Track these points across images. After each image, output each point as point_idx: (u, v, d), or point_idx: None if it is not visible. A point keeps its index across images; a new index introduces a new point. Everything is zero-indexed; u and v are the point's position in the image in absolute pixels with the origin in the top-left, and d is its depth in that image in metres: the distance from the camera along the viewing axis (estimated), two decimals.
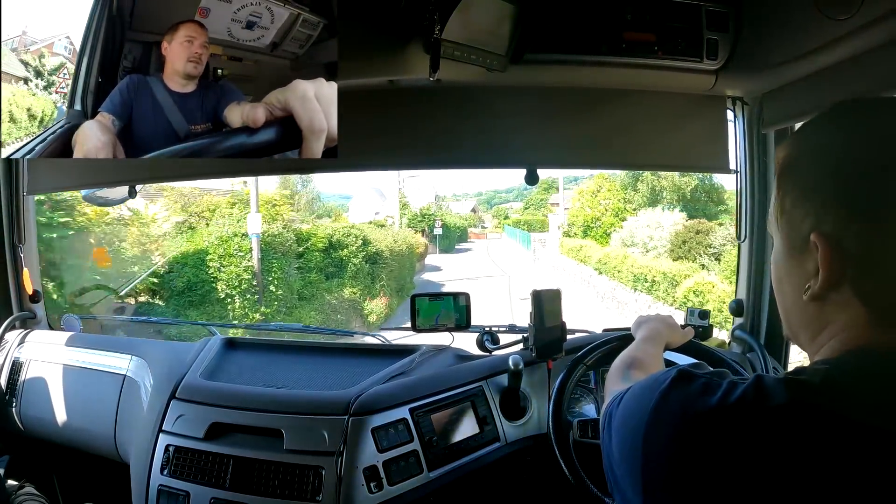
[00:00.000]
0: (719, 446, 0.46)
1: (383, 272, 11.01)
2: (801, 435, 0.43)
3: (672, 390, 0.51)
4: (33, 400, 1.58)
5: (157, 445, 1.24)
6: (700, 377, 0.51)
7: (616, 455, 0.55)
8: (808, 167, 0.51)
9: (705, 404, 0.48)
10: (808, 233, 0.49)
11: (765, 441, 0.44)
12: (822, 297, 0.49)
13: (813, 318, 0.51)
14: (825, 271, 0.48)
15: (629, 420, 0.54)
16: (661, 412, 0.50)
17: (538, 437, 1.30)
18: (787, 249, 0.53)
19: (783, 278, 0.55)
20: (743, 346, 1.47)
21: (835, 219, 0.47)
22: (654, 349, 0.97)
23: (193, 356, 1.44)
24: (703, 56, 1.17)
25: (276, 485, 1.14)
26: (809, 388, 0.46)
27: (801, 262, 0.51)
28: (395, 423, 1.20)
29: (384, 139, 1.39)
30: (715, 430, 0.46)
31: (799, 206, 0.50)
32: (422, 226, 23.80)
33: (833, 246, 0.47)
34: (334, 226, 11.74)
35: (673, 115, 1.40)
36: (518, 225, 35.08)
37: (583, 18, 1.15)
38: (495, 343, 1.47)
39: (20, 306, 1.73)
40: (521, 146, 1.41)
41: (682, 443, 0.48)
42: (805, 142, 0.54)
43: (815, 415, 0.44)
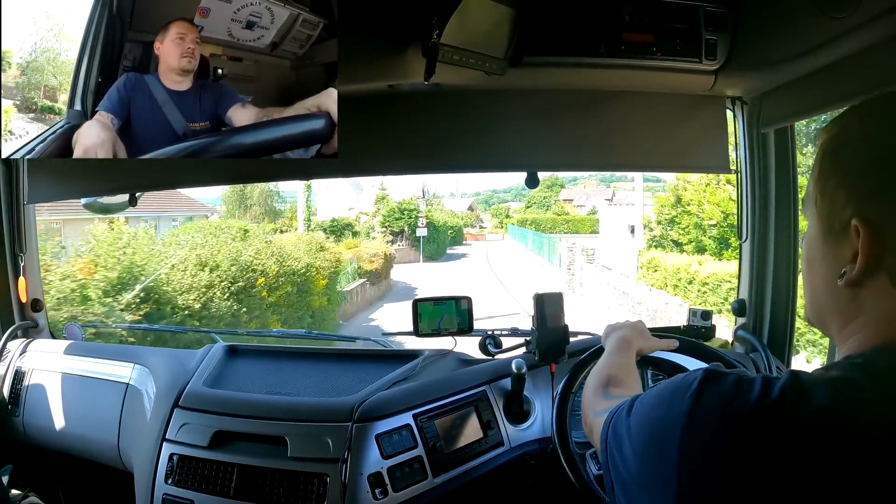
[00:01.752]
0: (764, 449, 0.44)
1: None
2: (842, 437, 0.43)
3: (704, 390, 0.49)
4: (36, 409, 1.58)
5: (161, 454, 1.24)
6: (729, 374, 0.50)
7: (635, 471, 0.52)
8: (855, 152, 0.51)
9: (744, 404, 0.46)
10: (850, 218, 0.49)
11: (807, 444, 0.43)
12: (858, 283, 0.49)
13: (846, 305, 0.51)
14: (864, 257, 0.48)
15: (656, 429, 0.51)
16: (697, 415, 0.48)
17: (542, 440, 1.30)
18: (824, 233, 0.53)
19: (816, 262, 0.54)
20: (746, 346, 1.47)
21: (879, 205, 0.47)
22: (625, 360, 0.93)
23: (196, 364, 1.44)
24: (701, 56, 1.17)
25: (281, 493, 1.14)
26: (847, 385, 0.45)
27: (838, 247, 0.51)
28: (398, 429, 1.20)
29: (384, 143, 1.39)
30: (758, 432, 0.45)
31: (841, 190, 0.50)
32: (400, 225, 19.36)
33: (875, 232, 0.47)
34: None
35: (672, 116, 1.39)
36: (524, 224, 30.77)
37: (581, 20, 1.14)
38: (498, 347, 1.47)
39: (22, 315, 1.73)
40: (521, 149, 1.41)
41: (726, 446, 0.46)
42: (851, 126, 0.53)
43: (856, 414, 0.44)
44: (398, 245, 18.98)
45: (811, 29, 0.97)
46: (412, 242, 19.45)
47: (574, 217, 34.12)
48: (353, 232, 18.66)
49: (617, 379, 0.84)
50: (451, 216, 28.26)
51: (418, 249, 19.23)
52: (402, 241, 19.46)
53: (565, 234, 22.85)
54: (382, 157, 1.43)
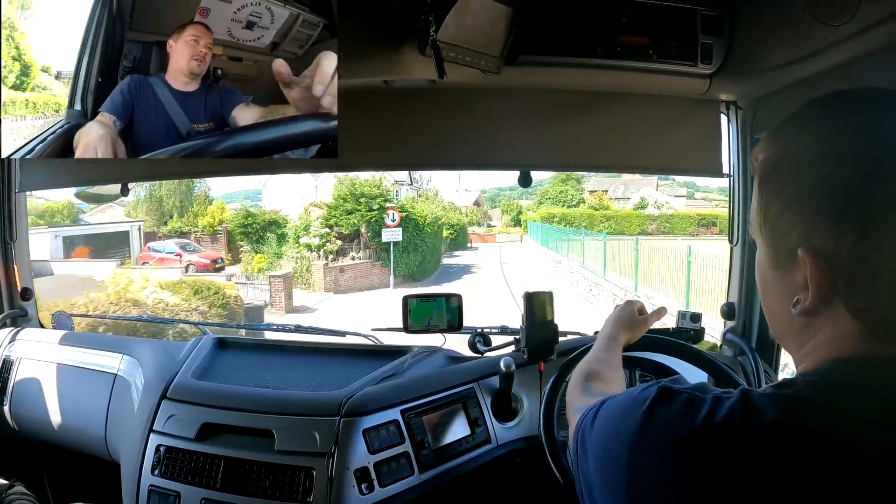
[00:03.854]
0: (709, 470, 0.43)
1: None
2: (793, 454, 0.41)
3: (654, 411, 0.47)
4: (24, 398, 1.57)
5: (148, 445, 1.24)
6: (681, 393, 0.48)
7: (596, 480, 0.51)
8: (795, 172, 0.46)
9: (691, 425, 0.44)
10: (796, 246, 0.45)
11: (756, 462, 0.41)
12: (813, 312, 0.46)
13: (800, 330, 0.48)
14: (815, 289, 0.44)
15: (610, 444, 0.50)
16: (645, 436, 0.47)
17: (529, 438, 1.31)
18: (773, 260, 0.49)
19: (769, 287, 0.51)
20: (734, 349, 1.48)
21: (826, 232, 0.43)
22: (609, 355, 0.92)
23: (185, 356, 1.44)
24: (697, 60, 1.17)
25: (268, 485, 1.13)
26: (800, 403, 0.43)
27: (789, 274, 0.47)
28: (386, 425, 1.20)
29: (381, 139, 1.39)
30: (703, 453, 0.43)
31: (784, 216, 0.46)
32: (352, 222, 11.78)
33: (824, 262, 0.43)
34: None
35: (667, 119, 1.40)
36: (550, 220, 22.98)
37: (578, 21, 1.14)
38: (487, 345, 1.48)
39: (11, 304, 1.72)
40: (515, 148, 1.41)
41: (671, 469, 0.45)
42: (791, 141, 0.48)
43: (806, 431, 0.41)
44: (351, 257, 12.04)
45: (807, 36, 0.97)
46: (375, 255, 12.15)
47: (617, 212, 26.74)
48: (279, 234, 13.00)
49: (598, 374, 0.84)
50: (451, 210, 22.25)
51: (386, 263, 11.91)
52: (360, 250, 12.25)
53: (609, 235, 15.99)
54: (380, 153, 1.43)
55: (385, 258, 11.82)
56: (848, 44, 0.91)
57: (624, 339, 0.99)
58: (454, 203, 25.44)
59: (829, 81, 1.05)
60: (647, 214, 26.27)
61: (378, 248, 11.93)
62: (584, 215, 25.18)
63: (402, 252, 12.09)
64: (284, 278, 10.49)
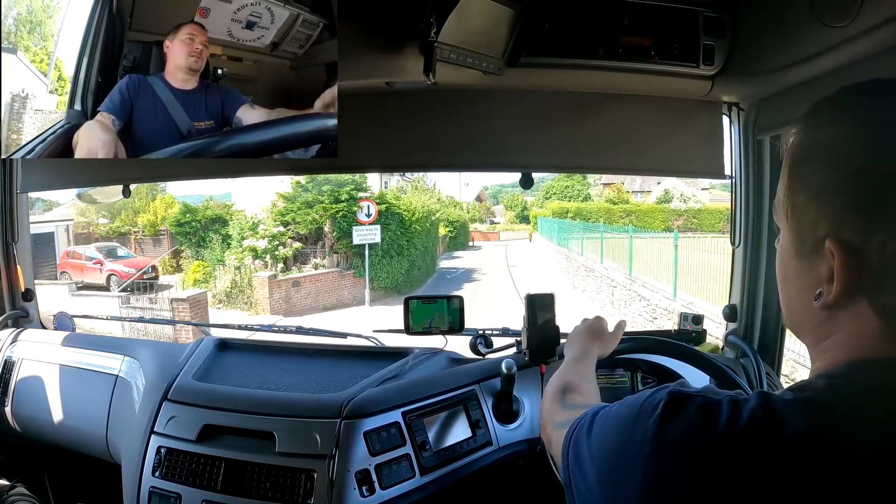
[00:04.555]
0: (732, 477, 0.41)
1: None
2: (820, 463, 0.40)
3: (669, 416, 0.46)
4: (25, 399, 1.58)
5: (149, 447, 1.24)
6: (694, 397, 0.46)
7: (598, 491, 0.49)
8: (827, 161, 0.44)
9: (712, 432, 0.43)
10: (823, 237, 0.43)
11: (782, 470, 0.40)
12: (835, 306, 0.45)
13: (821, 324, 0.47)
14: (840, 282, 0.43)
15: (619, 453, 0.48)
16: (661, 443, 0.45)
17: (531, 440, 1.30)
18: (797, 249, 0.47)
19: (790, 276, 0.50)
20: (736, 351, 1.48)
21: (857, 226, 0.42)
22: (584, 368, 0.90)
23: (186, 357, 1.44)
24: (699, 61, 1.17)
25: (268, 488, 1.13)
26: (824, 410, 0.42)
27: (813, 265, 0.46)
28: (387, 427, 1.19)
29: (382, 140, 1.39)
30: (726, 460, 0.42)
31: (813, 206, 0.45)
32: (313, 219, 9.00)
33: (853, 256, 0.42)
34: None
35: (669, 120, 1.40)
36: (564, 215, 21.10)
37: (579, 22, 1.14)
38: (488, 347, 1.47)
39: (13, 305, 1.72)
40: (516, 149, 1.41)
41: (693, 476, 0.43)
42: (822, 130, 0.46)
43: (833, 440, 0.40)
44: (314, 265, 9.17)
45: (809, 37, 0.97)
46: (346, 262, 9.18)
47: (638, 206, 24.75)
48: (224, 234, 9.88)
49: (574, 386, 0.81)
50: (450, 205, 19.99)
51: (361, 273, 8.98)
52: (326, 255, 9.30)
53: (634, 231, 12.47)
54: (379, 154, 1.43)
55: (360, 266, 9.02)
56: (850, 45, 0.90)
57: (596, 352, 0.98)
58: (454, 197, 23.21)
59: (831, 83, 1.04)
60: (673, 209, 24.21)
61: (350, 251, 9.13)
62: (602, 210, 23.11)
63: (381, 257, 9.32)
64: (191, 302, 7.61)
